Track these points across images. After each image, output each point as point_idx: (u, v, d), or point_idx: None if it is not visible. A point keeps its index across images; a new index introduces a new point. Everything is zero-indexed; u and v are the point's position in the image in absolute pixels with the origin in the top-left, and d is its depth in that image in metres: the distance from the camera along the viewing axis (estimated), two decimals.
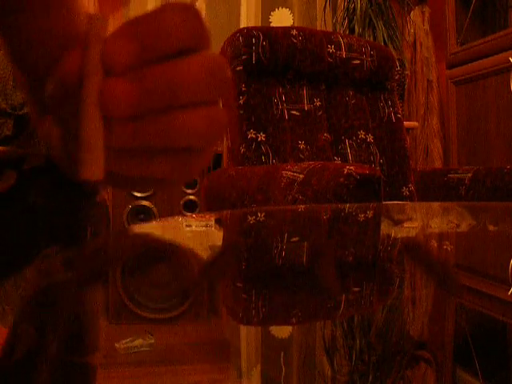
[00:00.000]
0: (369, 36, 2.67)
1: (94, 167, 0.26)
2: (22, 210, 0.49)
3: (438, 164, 3.13)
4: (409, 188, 1.87)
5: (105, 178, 0.27)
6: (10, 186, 0.49)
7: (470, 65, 2.71)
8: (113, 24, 0.26)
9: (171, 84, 0.26)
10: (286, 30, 1.76)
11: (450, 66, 2.87)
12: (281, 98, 1.74)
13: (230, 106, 1.49)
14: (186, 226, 0.76)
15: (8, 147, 0.55)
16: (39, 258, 0.47)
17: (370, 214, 0.94)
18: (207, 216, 0.99)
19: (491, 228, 0.76)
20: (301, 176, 1.29)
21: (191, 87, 0.26)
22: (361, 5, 2.70)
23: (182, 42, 0.26)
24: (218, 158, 2.97)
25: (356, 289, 0.38)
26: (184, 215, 2.65)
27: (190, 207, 2.99)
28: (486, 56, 2.59)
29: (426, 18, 3.20)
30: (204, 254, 0.56)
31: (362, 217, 0.88)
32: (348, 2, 2.81)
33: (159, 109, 0.26)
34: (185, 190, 2.99)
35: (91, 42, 0.26)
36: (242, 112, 1.66)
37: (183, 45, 0.26)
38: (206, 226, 0.75)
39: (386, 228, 0.77)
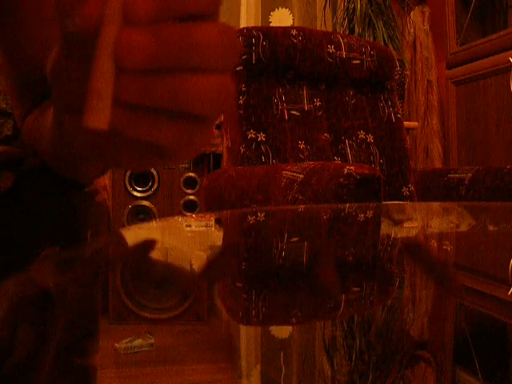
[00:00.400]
0: (369, 36, 2.67)
1: (100, 115, 0.25)
2: (20, 211, 0.49)
3: (437, 164, 3.13)
4: (409, 188, 1.87)
5: (108, 136, 0.27)
6: (8, 188, 0.49)
7: (469, 65, 2.71)
8: None
9: (188, 44, 0.26)
10: (285, 30, 1.76)
11: (450, 66, 2.87)
12: (281, 98, 1.74)
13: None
14: (186, 225, 0.76)
15: (6, 148, 0.55)
16: (39, 259, 0.47)
17: (369, 213, 0.94)
18: (207, 216, 0.99)
19: (491, 228, 0.76)
20: (301, 176, 1.29)
21: (207, 51, 0.26)
22: (361, 5, 2.70)
23: (200, 5, 0.26)
24: (218, 158, 2.97)
25: (356, 289, 0.38)
26: (184, 215, 2.65)
27: (190, 207, 2.99)
28: (486, 56, 2.59)
29: (425, 18, 3.20)
30: (204, 254, 0.56)
31: (361, 217, 0.88)
32: (348, 2, 2.81)
33: (173, 67, 0.26)
34: (185, 190, 2.99)
35: None
36: (241, 112, 1.66)
37: (201, 9, 0.26)
38: (206, 226, 0.75)
39: (385, 228, 0.77)
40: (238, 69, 1.67)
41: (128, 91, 0.26)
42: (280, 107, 1.73)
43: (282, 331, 0.30)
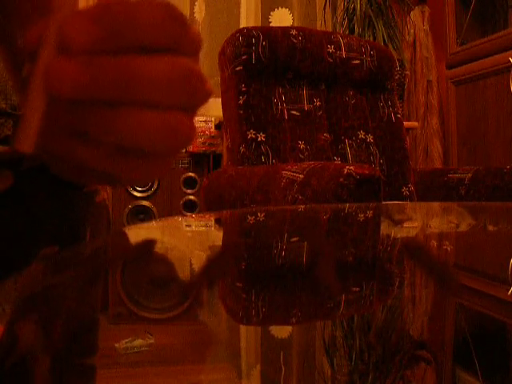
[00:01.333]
0: (369, 36, 2.67)
1: (26, 139, 0.26)
2: (19, 210, 0.49)
3: (437, 164, 3.13)
4: (409, 188, 1.87)
5: (36, 154, 0.27)
6: (8, 187, 0.49)
7: (469, 65, 2.71)
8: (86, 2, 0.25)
9: (126, 77, 0.24)
10: (285, 30, 1.76)
11: (450, 66, 2.87)
12: (280, 98, 1.74)
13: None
14: (186, 225, 0.76)
15: (5, 147, 0.55)
16: (38, 259, 0.47)
17: (369, 213, 0.94)
18: (207, 216, 0.99)
19: (491, 228, 0.76)
20: (301, 176, 1.29)
21: (150, 86, 0.24)
22: (361, 5, 2.70)
23: (152, 38, 0.25)
24: (218, 158, 2.97)
25: (356, 289, 0.38)
26: (184, 215, 2.65)
27: (190, 207, 2.98)
28: (486, 56, 2.59)
29: (425, 18, 3.20)
30: (204, 254, 0.56)
31: (361, 217, 0.88)
32: (348, 2, 2.81)
33: (109, 100, 0.25)
34: (185, 190, 2.99)
35: (55, 12, 0.25)
36: (241, 112, 1.66)
37: (154, 42, 0.25)
38: (206, 226, 0.75)
39: (385, 228, 0.77)
40: (238, 69, 1.67)
41: (57, 117, 0.25)
42: (280, 107, 1.73)
43: (281, 331, 0.30)
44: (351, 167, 1.20)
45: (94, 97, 0.24)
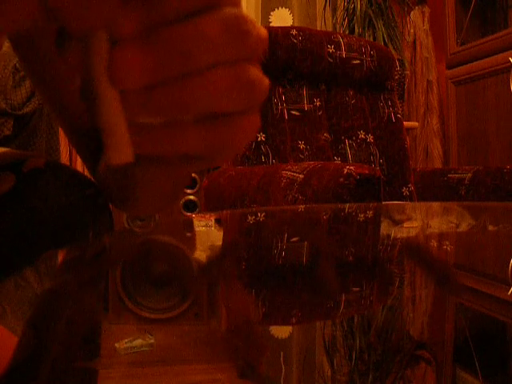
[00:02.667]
0: (369, 36, 2.66)
1: (121, 149, 0.24)
2: (21, 212, 0.49)
3: (437, 164, 3.13)
4: (409, 188, 1.87)
5: (136, 160, 0.25)
6: (10, 189, 0.49)
7: (469, 65, 2.71)
8: None
9: (187, 46, 0.23)
10: (285, 30, 1.76)
11: (450, 66, 2.87)
12: (281, 98, 1.74)
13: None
14: (187, 225, 0.76)
15: (7, 149, 0.55)
16: (39, 260, 0.47)
17: (369, 213, 0.94)
18: (207, 216, 0.99)
19: (491, 228, 0.76)
20: (301, 176, 1.29)
21: (209, 47, 0.24)
22: (361, 5, 2.70)
23: (189, 2, 0.24)
24: None
25: (356, 289, 0.38)
26: (184, 215, 2.65)
27: (190, 207, 2.99)
28: (486, 56, 2.59)
29: (425, 18, 3.20)
30: (204, 254, 0.56)
31: (361, 217, 0.88)
32: (348, 2, 2.81)
33: (175, 75, 0.24)
34: (185, 190, 2.99)
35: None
36: None
37: (194, 4, 0.24)
38: (206, 226, 0.75)
39: (385, 228, 0.77)
40: None
41: (136, 111, 0.24)
42: (280, 107, 1.73)
43: (282, 331, 0.30)
44: (351, 167, 1.20)
45: (162, 76, 0.24)
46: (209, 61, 0.24)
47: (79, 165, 2.31)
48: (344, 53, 1.84)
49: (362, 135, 1.86)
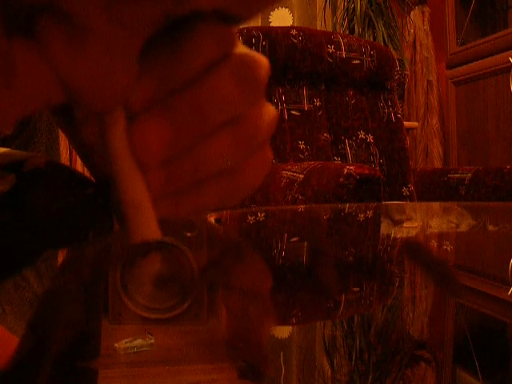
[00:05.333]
0: (369, 36, 2.67)
1: (147, 226, 0.23)
2: (22, 213, 0.49)
3: (437, 164, 3.13)
4: (409, 188, 1.87)
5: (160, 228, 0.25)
6: (10, 189, 0.49)
7: (469, 65, 2.71)
8: None
9: (203, 108, 0.22)
10: (285, 30, 1.76)
11: (450, 66, 2.87)
12: (280, 98, 1.74)
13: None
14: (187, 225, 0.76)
15: (6, 149, 0.55)
16: (39, 261, 0.47)
17: (369, 213, 0.94)
18: (207, 216, 0.99)
19: (491, 228, 0.76)
20: (301, 176, 1.29)
21: (225, 104, 0.23)
22: (361, 5, 2.70)
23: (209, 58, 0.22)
24: None
25: (356, 289, 0.38)
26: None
27: None
28: (486, 56, 2.59)
29: (425, 18, 3.20)
30: (204, 254, 0.56)
31: (361, 217, 0.88)
32: (348, 2, 2.81)
33: (193, 140, 0.23)
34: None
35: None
36: None
37: (211, 57, 0.22)
38: None
39: (385, 228, 0.77)
40: None
41: (158, 184, 0.23)
42: (280, 107, 1.73)
43: (282, 331, 0.30)
44: (351, 167, 1.20)
45: (181, 146, 0.23)
46: (224, 118, 0.23)
47: (79, 165, 2.31)
48: (344, 53, 1.84)
49: (362, 135, 1.86)
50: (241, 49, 0.24)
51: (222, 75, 0.22)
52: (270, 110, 0.25)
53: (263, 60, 0.25)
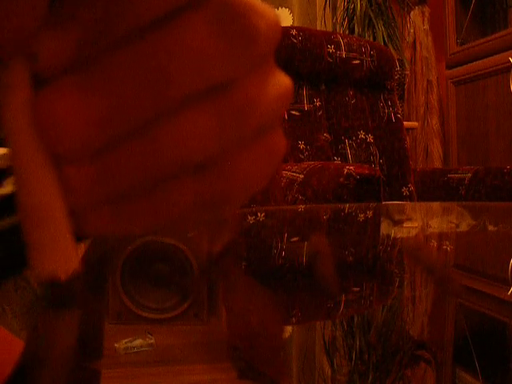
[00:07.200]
0: (369, 36, 2.67)
1: (56, 254, 0.15)
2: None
3: (437, 164, 3.13)
4: (409, 188, 1.87)
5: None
6: (13, 191, 0.49)
7: (469, 65, 2.71)
8: None
9: (156, 74, 0.15)
10: (285, 30, 1.76)
11: (450, 66, 2.87)
12: None
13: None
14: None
15: (6, 149, 0.54)
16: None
17: (369, 213, 0.94)
18: None
19: (491, 228, 0.76)
20: (301, 176, 1.29)
21: (191, 68, 0.15)
22: (361, 5, 2.70)
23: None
24: None
25: (356, 289, 0.38)
26: None
27: None
28: (486, 56, 2.59)
29: (425, 18, 3.20)
30: (205, 254, 0.56)
31: (361, 217, 0.88)
32: (348, 2, 2.81)
33: (139, 123, 0.15)
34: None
35: None
36: None
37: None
38: None
39: (385, 228, 0.77)
40: None
41: (81, 188, 0.15)
42: None
43: (281, 331, 0.30)
44: (351, 167, 1.20)
45: (119, 129, 0.15)
46: (197, 86, 0.15)
47: None
48: (344, 53, 1.84)
49: (361, 135, 1.86)
50: None
51: (192, 23, 0.15)
52: (280, 81, 0.18)
53: (267, 10, 0.16)
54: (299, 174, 1.30)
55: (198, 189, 0.17)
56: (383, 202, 1.35)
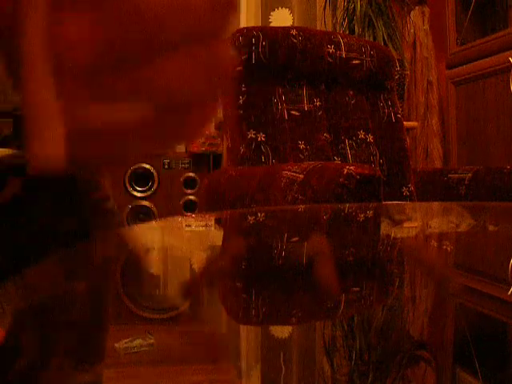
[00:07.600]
0: (369, 36, 2.66)
1: (46, 146, 0.18)
2: (28, 218, 0.48)
3: (437, 164, 3.13)
4: (409, 188, 1.87)
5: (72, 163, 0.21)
6: (16, 194, 0.48)
7: (469, 65, 2.71)
8: None
9: (142, 14, 0.17)
10: (285, 30, 1.76)
11: (450, 66, 2.87)
12: (280, 98, 1.74)
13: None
14: (186, 225, 0.76)
15: (11, 152, 0.54)
16: (41, 262, 0.47)
17: (369, 213, 0.94)
18: (207, 216, 0.99)
19: (491, 228, 0.76)
20: (301, 176, 1.29)
21: (183, 16, 0.18)
22: (361, 5, 2.70)
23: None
24: (218, 158, 2.97)
25: (356, 289, 0.38)
26: (184, 215, 2.65)
27: (190, 207, 2.98)
28: (486, 56, 2.59)
29: (425, 18, 3.20)
30: (204, 254, 0.56)
31: (361, 217, 0.88)
32: (348, 2, 2.81)
33: (134, 53, 0.18)
34: (185, 190, 2.99)
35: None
36: (241, 112, 1.66)
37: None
38: (206, 226, 0.75)
39: (385, 228, 0.77)
40: (238, 69, 1.67)
41: (79, 98, 0.18)
42: (280, 107, 1.73)
43: (282, 331, 0.30)
44: (351, 167, 1.20)
45: (116, 55, 0.18)
46: (182, 32, 0.18)
47: None
48: (344, 53, 1.84)
49: (361, 135, 1.86)
50: None
51: None
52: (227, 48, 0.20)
53: None
54: (299, 173, 1.30)
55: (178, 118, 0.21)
56: (383, 202, 1.35)
